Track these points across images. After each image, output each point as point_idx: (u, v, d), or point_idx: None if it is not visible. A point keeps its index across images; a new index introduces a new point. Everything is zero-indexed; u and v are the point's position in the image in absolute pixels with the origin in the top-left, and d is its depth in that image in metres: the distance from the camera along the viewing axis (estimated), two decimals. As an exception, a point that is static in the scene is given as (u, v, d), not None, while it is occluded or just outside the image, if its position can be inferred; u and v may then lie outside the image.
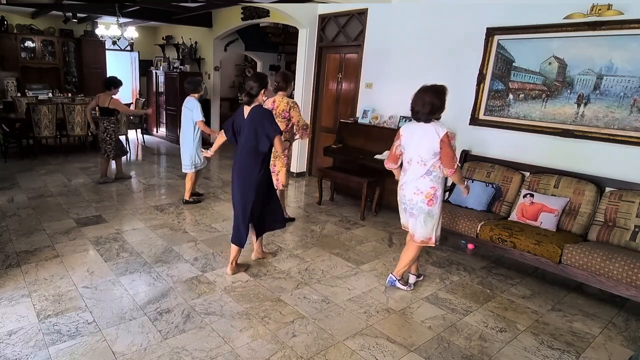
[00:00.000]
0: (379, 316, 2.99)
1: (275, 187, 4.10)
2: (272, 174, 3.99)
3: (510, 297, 3.40)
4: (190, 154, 5.04)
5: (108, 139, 5.81)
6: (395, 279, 3.35)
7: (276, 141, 3.19)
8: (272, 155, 3.90)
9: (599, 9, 3.65)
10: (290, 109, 4.26)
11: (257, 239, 3.68)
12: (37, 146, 7.26)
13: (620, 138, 3.65)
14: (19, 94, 8.66)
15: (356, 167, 5.35)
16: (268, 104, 4.19)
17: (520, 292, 3.48)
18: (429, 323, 2.95)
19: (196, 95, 5.01)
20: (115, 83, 5.74)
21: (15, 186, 5.56)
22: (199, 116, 4.90)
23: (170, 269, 3.50)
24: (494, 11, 4.36)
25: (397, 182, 5.14)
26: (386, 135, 5.32)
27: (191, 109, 4.93)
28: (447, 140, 2.90)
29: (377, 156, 5.08)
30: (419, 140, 2.98)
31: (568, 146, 3.97)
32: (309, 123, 4.39)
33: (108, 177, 6.02)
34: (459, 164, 3.04)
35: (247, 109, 3.24)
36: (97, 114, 5.92)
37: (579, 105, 3.89)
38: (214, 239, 4.19)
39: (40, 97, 8.60)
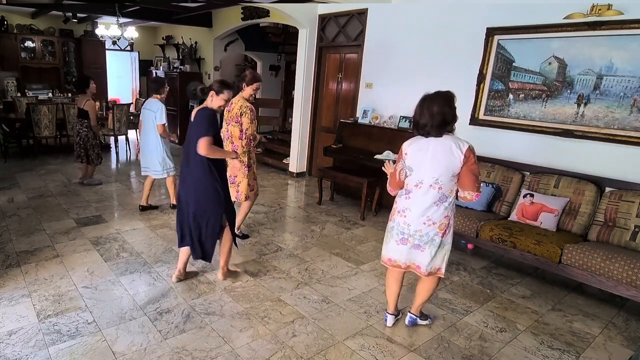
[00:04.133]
0: (379, 316, 2.99)
1: (236, 199, 3.87)
2: (231, 185, 3.83)
3: (510, 297, 3.40)
4: (160, 159, 4.70)
5: (81, 142, 5.54)
6: (415, 317, 2.89)
7: (200, 143, 2.83)
8: (228, 164, 3.77)
9: (599, 9, 3.65)
10: (241, 114, 3.75)
11: (184, 255, 3.26)
12: (37, 146, 7.26)
13: (620, 138, 3.65)
14: (19, 94, 8.66)
15: (356, 167, 5.35)
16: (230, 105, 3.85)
17: (520, 292, 3.48)
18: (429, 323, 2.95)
19: (159, 96, 4.69)
20: (85, 81, 5.42)
21: (15, 186, 5.56)
22: (161, 119, 4.57)
23: (170, 269, 3.49)
24: (494, 11, 4.36)
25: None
26: (386, 135, 5.33)
27: (154, 111, 4.60)
28: (472, 157, 2.37)
29: (377, 156, 5.08)
30: (434, 159, 2.41)
31: (568, 146, 3.97)
32: (257, 133, 3.91)
33: (89, 179, 5.79)
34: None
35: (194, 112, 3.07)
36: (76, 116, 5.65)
37: (579, 105, 3.89)
38: (214, 239, 4.19)
39: (40, 97, 8.60)
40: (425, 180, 2.45)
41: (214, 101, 2.99)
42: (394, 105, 5.48)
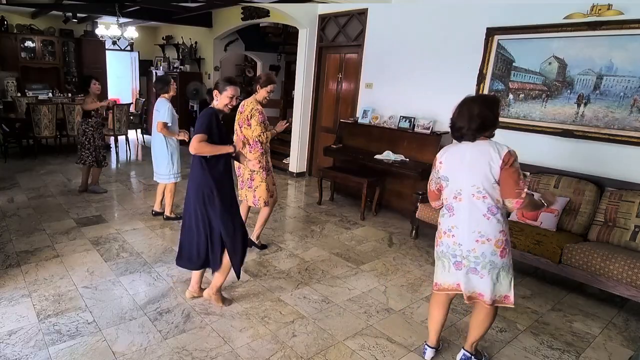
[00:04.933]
0: (379, 316, 2.99)
1: (253, 205, 3.79)
2: (248, 190, 3.78)
3: (510, 297, 3.40)
4: (165, 162, 4.42)
5: (86, 143, 5.28)
6: (469, 354, 2.50)
7: (192, 140, 2.63)
8: (244, 169, 3.66)
9: (599, 9, 3.65)
10: (251, 117, 3.63)
11: (198, 272, 3.03)
12: (37, 146, 7.26)
13: (620, 138, 3.65)
14: (19, 94, 8.65)
15: (356, 167, 5.35)
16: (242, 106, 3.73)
17: (520, 292, 3.48)
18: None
19: (167, 95, 4.37)
20: (86, 81, 5.15)
21: (15, 186, 5.56)
22: (162, 117, 4.23)
23: (170, 269, 3.49)
24: (494, 11, 4.36)
25: (398, 181, 4.99)
26: (386, 136, 5.33)
27: (159, 111, 4.29)
28: (511, 161, 2.09)
29: (377, 156, 5.08)
30: (471, 165, 2.17)
31: (568, 146, 3.97)
32: (267, 135, 3.68)
33: (94, 186, 5.50)
34: (527, 190, 2.14)
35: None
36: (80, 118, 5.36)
37: (579, 105, 3.89)
38: (214, 239, 4.18)
39: (40, 97, 8.59)
40: (465, 189, 2.21)
41: (219, 100, 2.79)
42: (394, 105, 5.48)
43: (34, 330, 2.60)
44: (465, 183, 2.20)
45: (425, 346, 2.58)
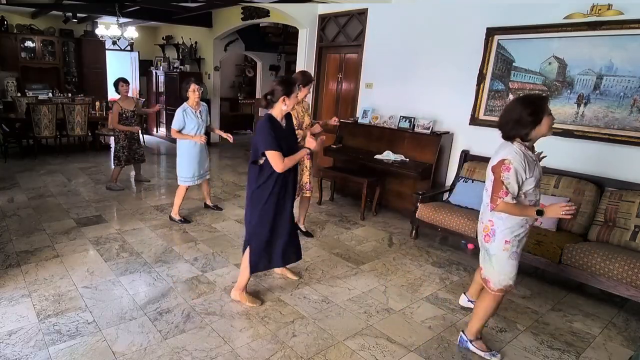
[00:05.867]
0: (379, 316, 2.99)
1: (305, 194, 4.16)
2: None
3: (510, 297, 3.39)
4: (180, 164, 4.52)
5: (115, 144, 5.64)
6: (466, 339, 2.65)
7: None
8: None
9: (599, 9, 3.65)
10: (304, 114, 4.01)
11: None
12: (37, 146, 7.26)
13: (620, 138, 3.65)
14: (19, 94, 8.65)
15: (356, 167, 5.35)
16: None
17: (520, 292, 3.48)
18: (429, 323, 2.95)
19: (188, 102, 4.39)
20: (115, 84, 5.51)
21: (15, 186, 5.56)
22: (173, 123, 4.35)
23: (170, 269, 3.50)
24: (494, 11, 4.36)
25: (398, 181, 5.06)
26: (386, 135, 5.33)
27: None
28: (499, 171, 2.27)
29: (377, 156, 5.08)
30: (490, 162, 2.42)
31: (568, 146, 3.97)
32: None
33: (117, 184, 5.65)
34: (508, 200, 2.25)
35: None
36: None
37: (579, 105, 3.89)
38: (214, 239, 4.19)
39: (40, 97, 8.60)
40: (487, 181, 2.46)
41: (286, 103, 2.75)
42: (394, 105, 5.48)
43: (34, 330, 2.60)
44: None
45: None
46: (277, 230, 2.91)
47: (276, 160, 2.67)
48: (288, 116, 2.93)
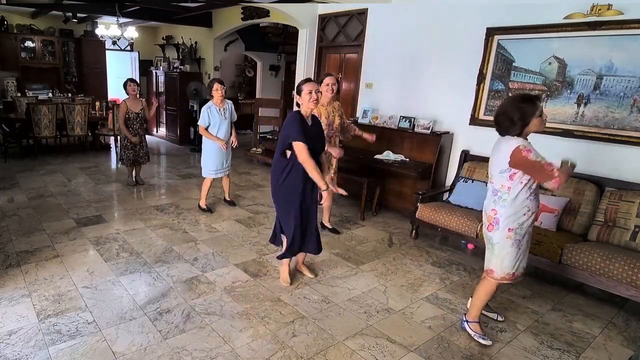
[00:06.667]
0: (379, 316, 2.99)
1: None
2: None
3: (510, 297, 3.40)
4: (204, 159, 4.88)
5: (121, 146, 5.83)
6: (464, 319, 2.85)
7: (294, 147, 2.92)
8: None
9: (599, 9, 3.65)
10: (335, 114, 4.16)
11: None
12: (37, 146, 7.26)
13: (620, 138, 3.65)
14: (19, 94, 8.65)
15: (356, 167, 5.34)
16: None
17: (520, 292, 3.48)
18: (429, 323, 2.95)
19: (213, 100, 4.78)
20: (124, 84, 5.57)
21: (15, 186, 5.56)
22: (199, 120, 4.77)
23: (170, 269, 3.50)
24: (494, 11, 4.36)
25: (398, 181, 5.10)
26: (386, 135, 5.33)
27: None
28: (519, 154, 2.39)
29: (377, 156, 5.08)
30: (492, 155, 2.60)
31: (568, 146, 3.96)
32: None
33: (132, 180, 5.94)
34: (559, 172, 2.32)
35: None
36: None
37: (579, 105, 3.89)
38: (214, 239, 4.19)
39: (40, 97, 8.59)
40: (490, 174, 2.65)
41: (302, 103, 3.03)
42: (394, 105, 5.48)
43: (34, 330, 2.60)
44: (489, 169, 2.64)
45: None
46: (303, 219, 3.18)
47: (301, 151, 2.87)
48: (315, 118, 3.14)
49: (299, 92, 3.03)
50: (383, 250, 4.17)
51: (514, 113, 2.42)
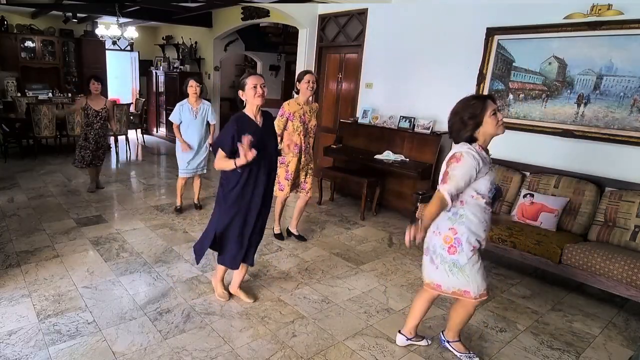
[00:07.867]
0: (379, 316, 2.99)
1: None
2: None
3: (510, 297, 3.40)
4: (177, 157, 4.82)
5: (78, 144, 5.47)
6: (444, 339, 2.66)
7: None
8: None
9: (599, 9, 3.65)
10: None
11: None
12: (37, 146, 7.26)
13: (620, 138, 3.65)
14: (19, 94, 8.66)
15: (356, 167, 5.35)
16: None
17: (520, 292, 3.48)
18: (429, 323, 2.95)
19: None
20: (87, 81, 5.32)
21: (15, 186, 5.56)
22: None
23: (170, 269, 3.50)
24: (494, 11, 4.36)
25: (398, 181, 5.08)
26: (386, 135, 5.33)
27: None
28: (450, 164, 2.19)
29: (377, 156, 5.08)
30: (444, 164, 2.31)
31: (568, 146, 3.97)
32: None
33: (93, 186, 5.54)
34: (444, 191, 2.15)
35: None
36: None
37: (579, 105, 3.89)
38: (214, 239, 4.18)
39: (40, 97, 8.60)
40: None
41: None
42: (394, 105, 5.48)
43: (34, 330, 2.60)
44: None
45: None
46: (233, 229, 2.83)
47: (218, 159, 2.67)
48: (267, 115, 2.84)
49: (242, 88, 2.70)
50: (383, 250, 4.17)
51: (465, 112, 2.18)
